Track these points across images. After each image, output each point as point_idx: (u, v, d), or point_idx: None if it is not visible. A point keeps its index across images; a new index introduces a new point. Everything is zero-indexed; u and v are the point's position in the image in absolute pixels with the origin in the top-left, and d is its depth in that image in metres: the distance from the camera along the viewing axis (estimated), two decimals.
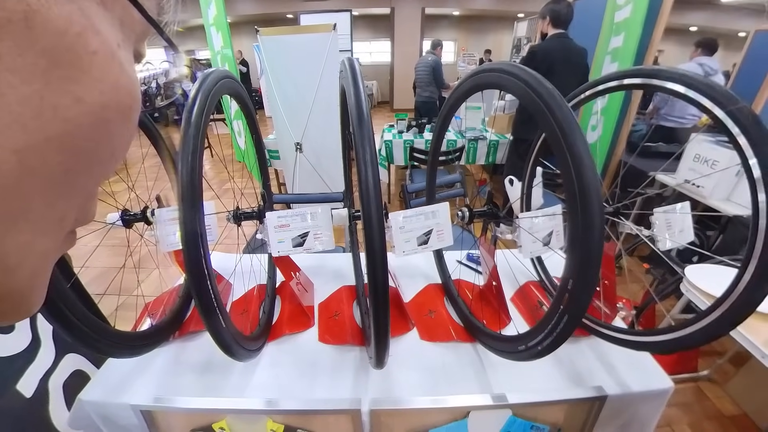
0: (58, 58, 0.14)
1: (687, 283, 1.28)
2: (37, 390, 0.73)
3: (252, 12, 9.29)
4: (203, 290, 0.53)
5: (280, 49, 2.53)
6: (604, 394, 0.68)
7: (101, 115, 0.16)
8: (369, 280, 0.49)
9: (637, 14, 2.33)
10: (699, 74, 0.59)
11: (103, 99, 0.16)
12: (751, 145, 0.51)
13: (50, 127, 0.14)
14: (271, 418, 0.68)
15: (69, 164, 0.16)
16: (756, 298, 0.53)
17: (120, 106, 0.17)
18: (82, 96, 0.15)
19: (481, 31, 10.58)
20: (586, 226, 0.44)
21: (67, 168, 0.16)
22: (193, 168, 0.50)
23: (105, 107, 0.16)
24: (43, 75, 0.14)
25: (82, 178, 0.18)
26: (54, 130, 0.15)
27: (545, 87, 0.47)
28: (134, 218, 0.78)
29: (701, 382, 1.79)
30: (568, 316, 0.49)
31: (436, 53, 4.52)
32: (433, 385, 0.75)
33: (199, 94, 0.56)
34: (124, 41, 0.18)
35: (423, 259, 1.17)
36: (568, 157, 0.44)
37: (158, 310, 0.88)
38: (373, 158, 0.47)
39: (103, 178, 0.20)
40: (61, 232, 0.18)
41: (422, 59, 4.58)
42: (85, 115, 0.16)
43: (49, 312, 0.53)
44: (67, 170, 0.16)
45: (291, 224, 0.74)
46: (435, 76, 4.41)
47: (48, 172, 0.15)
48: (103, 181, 0.20)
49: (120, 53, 0.17)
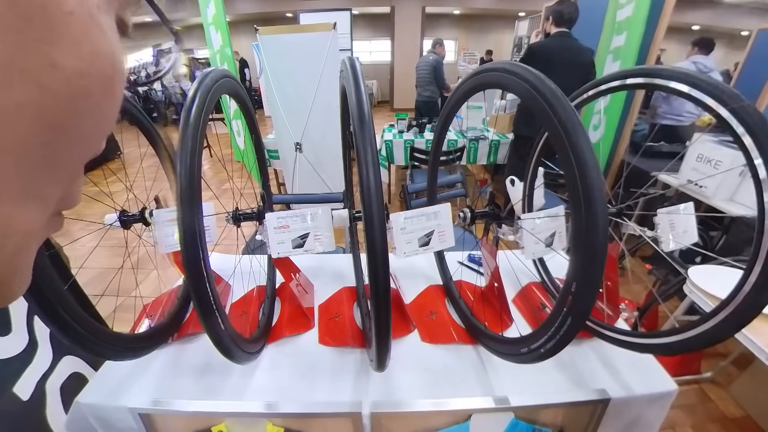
0: (29, 16, 0.13)
1: (690, 284, 1.27)
2: (34, 393, 0.72)
3: (251, 11, 9.27)
4: (202, 291, 0.52)
5: (279, 49, 2.52)
6: (607, 396, 0.67)
7: (79, 83, 0.15)
8: (370, 282, 0.48)
9: (639, 13, 2.31)
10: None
11: (80, 66, 0.15)
12: (756, 145, 0.50)
13: (20, 93, 0.13)
14: (270, 421, 0.67)
15: (46, 137, 0.15)
16: (762, 300, 0.53)
17: (101, 76, 0.16)
18: (56, 60, 0.14)
19: (482, 30, 10.55)
20: (589, 227, 0.43)
21: (43, 141, 0.15)
22: (191, 167, 0.49)
23: (83, 75, 0.15)
24: (11, 34, 0.13)
25: (62, 153, 0.16)
26: (24, 95, 0.13)
27: (548, 86, 0.46)
28: (132, 219, 0.77)
29: (704, 384, 1.78)
30: (572, 318, 0.48)
31: (437, 52, 4.48)
32: (434, 388, 0.74)
33: (198, 93, 0.56)
34: (105, 4, 0.17)
35: (424, 260, 1.16)
36: (572, 157, 0.43)
37: (156, 312, 0.87)
38: (375, 159, 0.47)
39: (87, 155, 0.19)
40: (45, 211, 0.17)
41: (423, 58, 4.53)
42: (60, 83, 0.14)
43: (45, 314, 0.53)
44: (44, 143, 0.15)
45: (291, 225, 0.73)
46: (436, 76, 4.37)
47: (22, 142, 0.14)
48: (88, 158, 0.19)
49: (100, 17, 0.16)
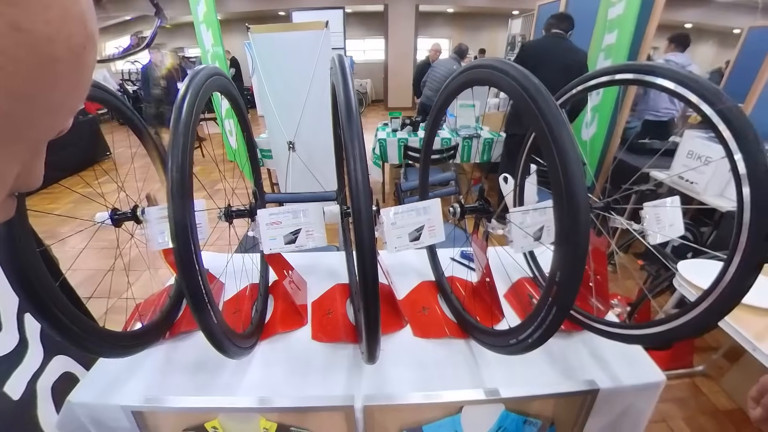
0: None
1: (680, 278, 1.29)
2: (25, 392, 0.72)
3: (243, 9, 9.21)
4: (193, 284, 0.53)
5: (271, 47, 2.52)
6: (596, 387, 0.68)
7: (47, 50, 0.14)
8: (358, 269, 0.49)
9: (629, 11, 2.34)
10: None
11: (48, 30, 0.14)
12: (735, 141, 0.51)
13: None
14: (264, 417, 0.68)
15: (5, 106, 0.14)
16: (742, 288, 0.54)
17: (71, 43, 0.15)
18: (19, 23, 0.13)
19: (476, 28, 10.58)
20: (571, 218, 0.44)
21: (3, 110, 0.14)
22: (183, 163, 0.49)
23: (51, 41, 0.14)
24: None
25: (24, 126, 0.15)
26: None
27: (533, 83, 0.47)
28: (124, 217, 0.77)
29: (696, 377, 1.81)
30: (557, 307, 0.49)
31: (462, 60, 4.31)
32: (426, 381, 0.75)
33: (189, 91, 0.56)
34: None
35: (416, 257, 1.17)
36: (555, 152, 0.44)
37: (149, 311, 0.87)
38: (362, 153, 0.47)
39: (51, 131, 0.17)
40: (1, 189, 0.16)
41: (445, 61, 4.38)
42: (24, 48, 0.13)
43: (37, 310, 0.53)
44: (4, 113, 0.14)
45: (283, 221, 0.74)
46: None
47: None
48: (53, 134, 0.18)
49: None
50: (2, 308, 0.69)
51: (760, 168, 0.50)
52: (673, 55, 3.15)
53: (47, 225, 2.84)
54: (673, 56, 3.15)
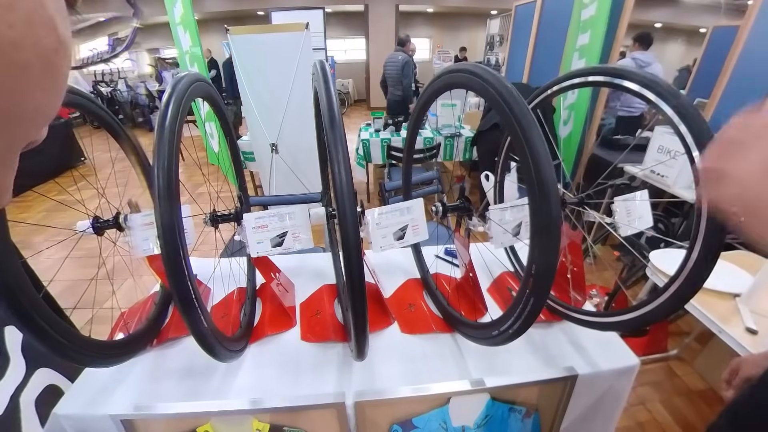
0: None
1: (652, 267, 1.36)
2: (8, 407, 0.70)
3: (220, 9, 9.04)
4: (183, 289, 0.53)
5: (251, 49, 2.49)
6: (575, 373, 0.72)
7: (12, 56, 0.13)
8: (345, 269, 0.51)
9: (601, 12, 2.43)
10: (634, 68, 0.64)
11: (13, 35, 0.13)
12: (693, 138, 0.55)
13: None
14: (256, 418, 0.68)
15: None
16: (703, 274, 0.58)
17: (40, 49, 0.14)
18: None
19: (456, 27, 10.71)
20: (544, 215, 0.47)
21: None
22: (169, 168, 0.50)
23: (17, 46, 0.13)
24: None
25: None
26: None
27: (505, 87, 0.50)
28: (106, 225, 0.76)
29: (671, 361, 1.90)
30: (534, 298, 0.52)
31: (405, 50, 4.30)
32: (414, 375, 0.78)
33: (172, 98, 0.56)
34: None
35: (402, 255, 1.19)
36: (527, 151, 0.46)
37: (134, 319, 0.86)
38: (345, 157, 0.49)
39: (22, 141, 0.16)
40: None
41: (391, 57, 4.33)
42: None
43: (21, 321, 0.52)
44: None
45: (269, 225, 0.74)
46: (403, 76, 4.20)
47: None
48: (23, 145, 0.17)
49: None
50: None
51: None
52: (639, 54, 3.29)
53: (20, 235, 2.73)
54: (639, 54, 3.28)
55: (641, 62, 3.25)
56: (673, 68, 7.45)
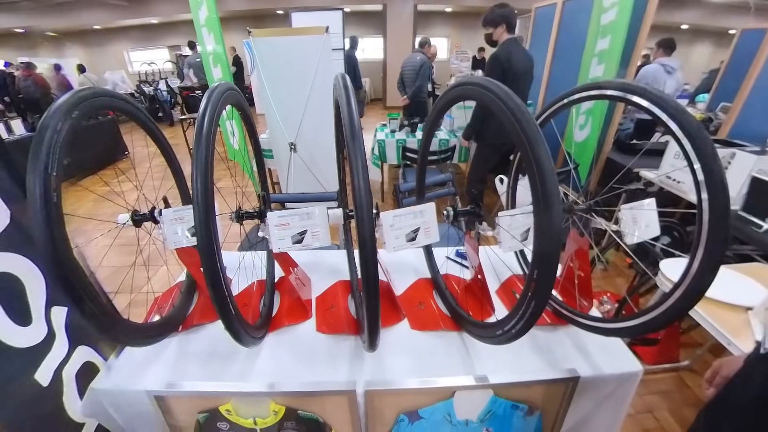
0: None
1: (662, 275, 1.37)
2: (53, 380, 0.78)
3: (241, 7, 9.22)
4: (217, 282, 0.59)
5: (272, 50, 2.57)
6: (576, 375, 0.75)
7: None
8: (361, 267, 0.55)
9: (621, 17, 2.40)
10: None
11: None
12: (695, 151, 0.58)
13: None
14: (273, 400, 0.74)
15: None
16: (705, 282, 0.60)
17: None
18: None
19: (474, 27, 10.56)
20: (546, 221, 0.51)
21: None
22: (205, 173, 0.56)
23: None
24: None
25: None
26: None
27: (516, 104, 0.54)
28: (143, 218, 0.83)
29: (682, 371, 1.88)
30: (535, 301, 0.56)
31: (425, 52, 4.35)
32: (422, 369, 0.82)
33: (208, 106, 0.62)
34: None
35: (413, 256, 1.23)
36: (533, 164, 0.50)
37: (166, 304, 0.94)
38: (365, 167, 0.54)
39: None
40: None
41: (410, 58, 4.37)
42: None
43: (76, 305, 0.59)
44: None
45: (290, 223, 0.80)
46: (420, 78, 4.22)
47: None
48: None
49: None
50: (31, 302, 0.75)
51: (716, 176, 0.57)
52: (665, 59, 3.24)
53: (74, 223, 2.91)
54: (666, 60, 3.23)
55: (669, 68, 3.20)
56: (698, 71, 7.24)
